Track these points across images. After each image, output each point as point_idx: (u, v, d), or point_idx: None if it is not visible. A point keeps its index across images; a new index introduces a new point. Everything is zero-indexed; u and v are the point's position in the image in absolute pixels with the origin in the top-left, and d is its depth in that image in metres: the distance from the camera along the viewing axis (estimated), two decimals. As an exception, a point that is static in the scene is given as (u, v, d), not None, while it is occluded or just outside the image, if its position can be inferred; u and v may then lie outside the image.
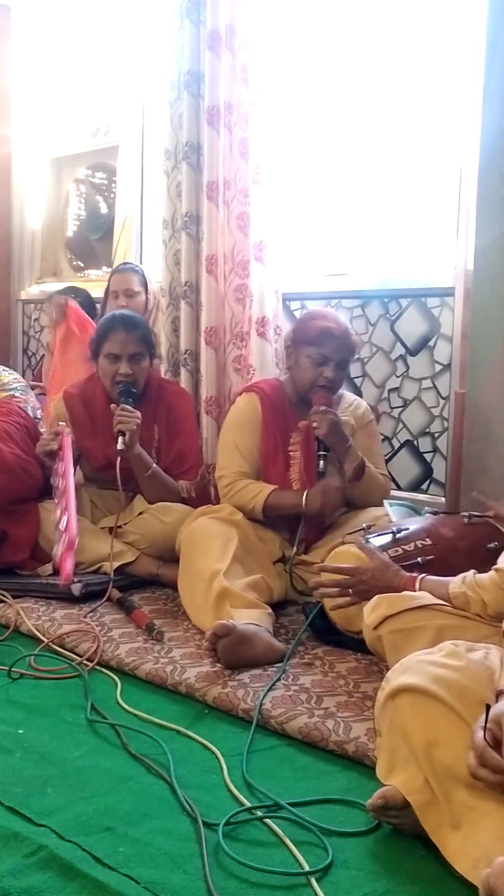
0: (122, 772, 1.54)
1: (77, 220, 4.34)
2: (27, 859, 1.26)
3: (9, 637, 2.18)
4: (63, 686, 1.91)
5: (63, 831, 1.33)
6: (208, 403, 3.07)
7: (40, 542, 2.55)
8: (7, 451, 2.45)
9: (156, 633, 2.11)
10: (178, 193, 3.12)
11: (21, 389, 2.72)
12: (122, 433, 2.51)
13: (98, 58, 3.98)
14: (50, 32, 4.19)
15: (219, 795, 1.47)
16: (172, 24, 3.05)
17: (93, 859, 1.26)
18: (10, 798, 1.42)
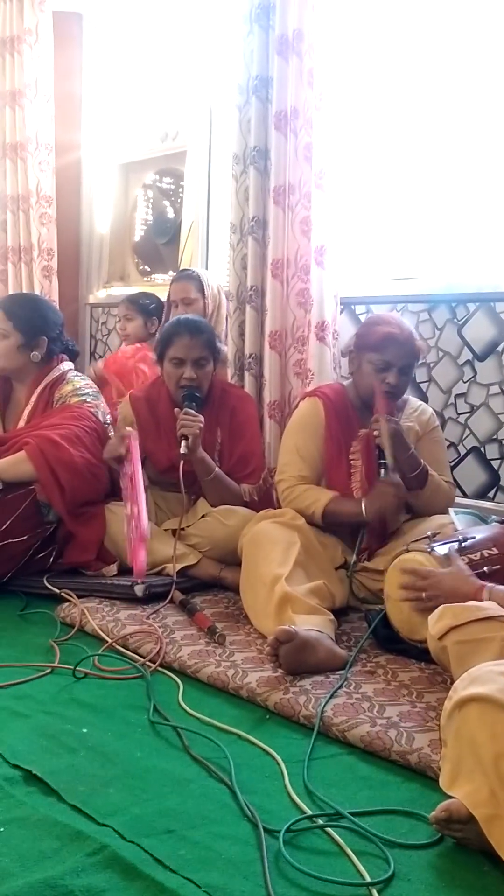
0: (183, 774, 1.54)
1: (144, 224, 4.39)
2: (90, 858, 1.27)
3: (73, 636, 2.21)
4: (126, 686, 1.93)
5: (125, 831, 1.34)
6: (271, 407, 3.07)
7: (105, 544, 2.59)
8: (77, 455, 2.49)
9: (218, 637, 2.12)
10: (246, 198, 3.14)
11: (92, 395, 2.76)
12: (185, 437, 2.53)
13: (167, 64, 4.02)
14: (120, 39, 4.25)
15: (279, 802, 1.46)
16: (241, 29, 3.06)
17: (154, 861, 1.27)
18: (74, 796, 1.44)
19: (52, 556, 2.60)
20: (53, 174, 4.13)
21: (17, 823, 1.37)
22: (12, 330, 2.73)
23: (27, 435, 2.55)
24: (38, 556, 2.57)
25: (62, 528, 2.57)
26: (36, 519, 2.52)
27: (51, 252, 4.14)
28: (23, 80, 4.04)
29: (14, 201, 4.18)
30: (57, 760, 1.57)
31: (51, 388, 2.76)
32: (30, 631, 2.27)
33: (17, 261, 4.22)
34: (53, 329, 2.79)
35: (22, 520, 2.48)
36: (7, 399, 2.82)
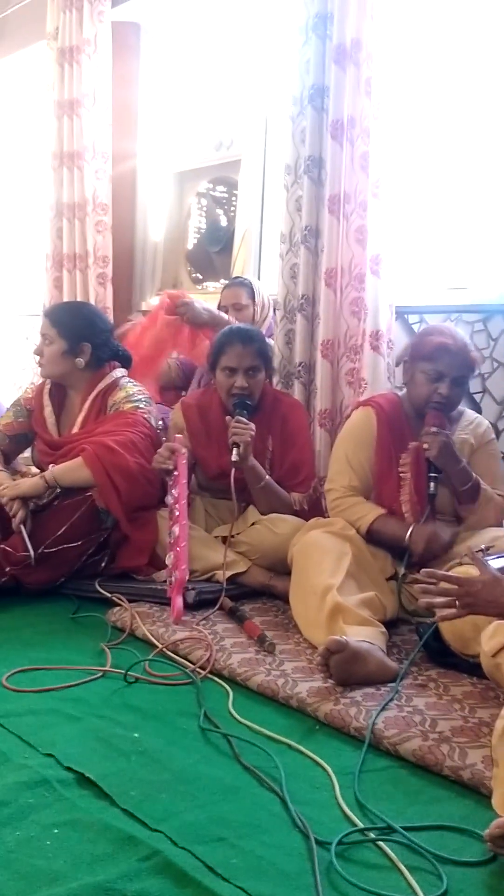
0: (233, 782, 1.55)
1: (197, 232, 4.43)
2: (142, 863, 1.28)
3: (124, 640, 2.23)
4: (176, 692, 1.94)
5: (177, 837, 1.34)
6: (322, 416, 3.07)
7: (157, 550, 2.61)
8: (132, 460, 2.52)
9: (267, 645, 2.12)
10: (298, 208, 3.14)
11: (145, 401, 2.79)
12: (236, 444, 2.54)
13: (222, 73, 4.06)
14: (176, 48, 4.29)
15: (330, 813, 1.46)
16: (298, 39, 3.07)
17: (205, 868, 1.27)
18: (126, 801, 1.45)
19: (104, 561, 2.63)
20: (109, 182, 4.18)
21: (71, 826, 1.38)
22: (56, 336, 2.76)
23: (83, 441, 2.58)
24: (91, 560, 2.61)
25: (115, 533, 2.60)
26: (91, 524, 2.56)
27: (106, 259, 4.18)
28: (81, 90, 4.10)
29: (70, 209, 4.24)
30: (109, 764, 1.58)
31: (104, 394, 2.79)
32: (81, 634, 2.30)
33: (73, 268, 4.27)
34: (98, 335, 2.81)
35: (78, 525, 2.52)
36: (61, 405, 2.86)
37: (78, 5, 4.06)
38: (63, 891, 1.22)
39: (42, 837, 1.35)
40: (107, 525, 2.59)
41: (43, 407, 2.85)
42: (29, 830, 1.36)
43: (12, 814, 1.40)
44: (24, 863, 1.28)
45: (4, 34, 4.96)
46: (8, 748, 1.62)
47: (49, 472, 2.53)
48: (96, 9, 4.04)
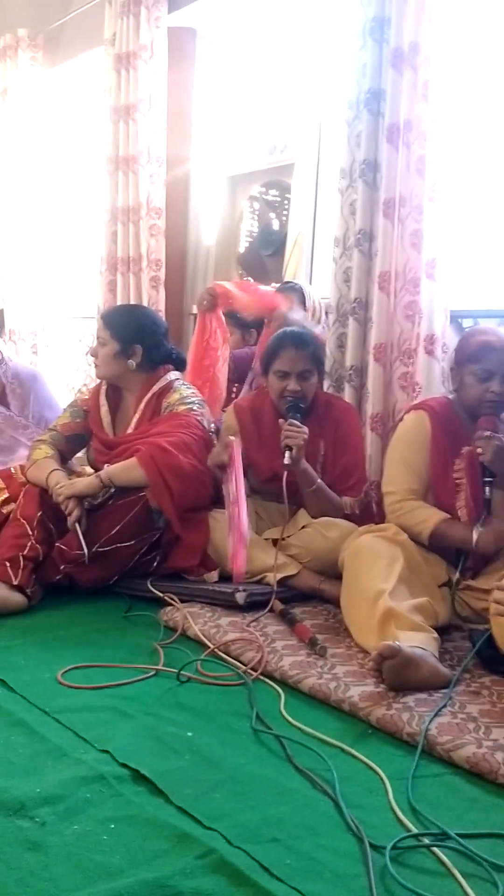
0: (287, 784, 1.55)
1: (249, 236, 4.44)
2: (198, 861, 1.30)
3: (176, 640, 2.25)
4: (228, 693, 1.95)
5: (231, 837, 1.36)
6: (374, 420, 3.06)
7: (208, 551, 2.62)
8: (185, 461, 2.54)
9: (319, 648, 2.12)
10: (352, 211, 3.14)
11: (198, 403, 2.81)
12: (289, 448, 2.55)
13: (277, 78, 4.07)
14: (231, 53, 4.32)
15: (384, 818, 1.46)
16: (354, 43, 3.07)
17: (261, 868, 1.28)
18: (181, 799, 1.47)
19: (155, 561, 2.65)
20: (163, 187, 4.22)
21: (127, 821, 1.40)
22: (109, 338, 2.82)
23: (138, 442, 2.61)
24: (143, 559, 2.63)
25: (167, 533, 2.63)
26: (144, 524, 2.58)
27: (159, 263, 4.22)
28: (137, 95, 4.15)
29: (125, 213, 4.28)
30: (163, 762, 1.60)
31: (158, 396, 2.82)
32: (134, 633, 2.32)
33: (126, 271, 4.32)
34: (151, 338, 2.84)
35: (131, 525, 2.55)
36: (117, 406, 2.90)
37: (135, 11, 4.11)
38: (120, 885, 1.24)
39: (99, 832, 1.37)
40: (159, 525, 2.62)
41: (99, 407, 2.90)
42: (86, 825, 1.39)
43: (69, 808, 1.43)
44: (82, 856, 1.30)
45: (62, 41, 5.04)
46: (64, 743, 1.65)
47: (104, 472, 2.56)
48: (153, 15, 4.08)
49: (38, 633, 2.28)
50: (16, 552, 2.49)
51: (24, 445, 3.07)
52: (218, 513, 2.64)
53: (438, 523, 2.36)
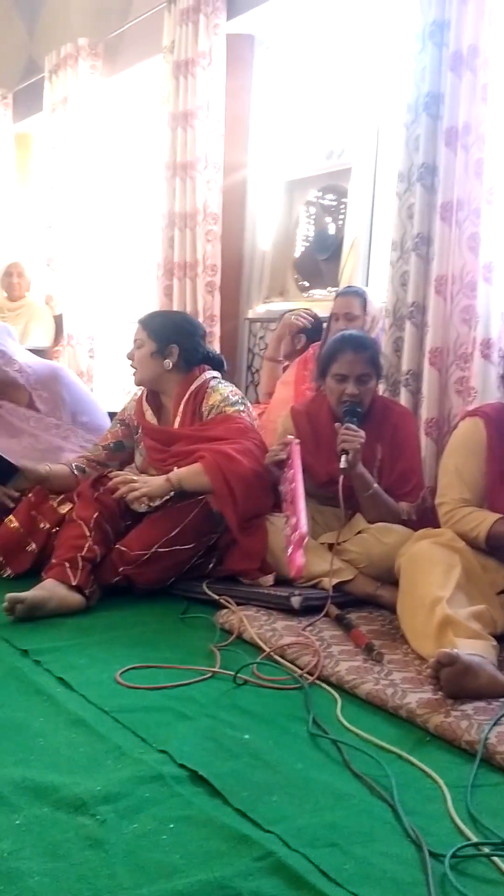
0: (344, 789, 1.55)
1: (305, 241, 4.45)
2: (257, 863, 1.30)
3: (232, 643, 2.26)
4: (284, 696, 1.96)
5: (290, 840, 1.36)
6: (429, 425, 3.04)
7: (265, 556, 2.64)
8: (249, 467, 2.57)
9: (375, 654, 2.11)
10: (410, 215, 3.13)
11: (241, 401, 2.84)
12: (345, 452, 2.54)
13: (335, 83, 4.07)
14: (288, 59, 4.33)
15: (443, 826, 1.45)
16: (413, 47, 3.06)
17: (319, 872, 1.28)
18: (238, 801, 1.47)
19: (211, 563, 2.67)
20: (220, 192, 4.24)
21: (186, 822, 1.41)
22: (146, 338, 2.88)
23: (203, 449, 2.63)
24: (199, 561, 2.66)
25: (224, 536, 2.64)
26: (203, 527, 2.61)
27: (214, 268, 4.25)
28: (195, 102, 4.19)
29: (182, 218, 4.32)
30: (221, 764, 1.61)
31: (195, 396, 2.85)
32: (190, 635, 2.34)
33: (183, 276, 4.36)
34: (187, 338, 2.88)
35: (191, 527, 2.58)
36: (158, 414, 2.95)
37: (194, 19, 4.15)
38: (180, 885, 1.25)
39: (158, 832, 1.38)
40: (220, 529, 2.64)
41: (143, 412, 2.94)
42: (146, 824, 1.40)
43: (129, 806, 1.44)
44: (142, 855, 1.32)
45: (121, 49, 5.11)
46: (123, 742, 1.67)
47: (174, 475, 2.59)
48: (212, 22, 4.11)
49: (96, 634, 2.31)
50: (74, 553, 2.53)
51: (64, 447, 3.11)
52: (274, 517, 2.65)
53: (494, 523, 2.33)
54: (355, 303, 3.30)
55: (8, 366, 3.12)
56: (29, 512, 2.77)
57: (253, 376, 4.51)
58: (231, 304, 4.47)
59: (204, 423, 2.79)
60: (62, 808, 1.43)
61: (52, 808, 1.43)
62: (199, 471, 2.57)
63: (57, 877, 1.25)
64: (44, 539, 2.73)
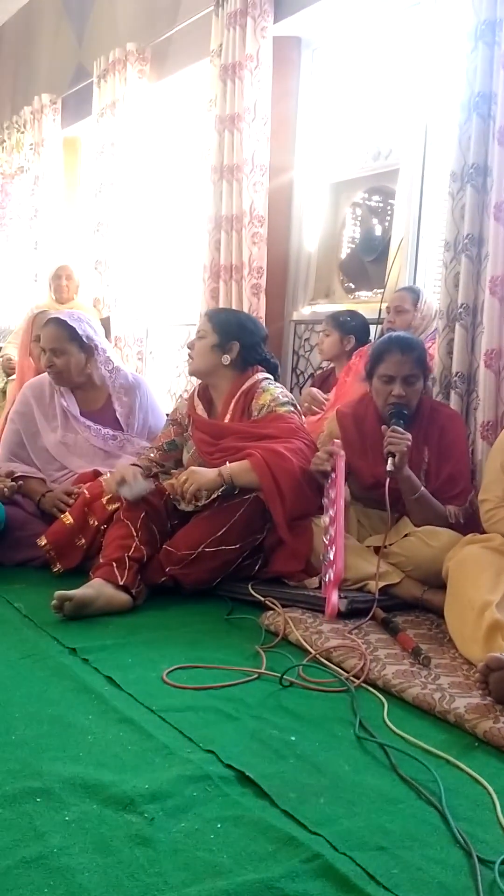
0: (391, 793, 1.54)
1: (351, 242, 4.43)
2: (304, 865, 1.30)
3: (277, 644, 2.26)
4: (330, 699, 1.95)
5: (337, 843, 1.35)
6: (485, 428, 2.99)
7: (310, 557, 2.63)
8: (297, 464, 2.57)
9: (423, 658, 2.09)
10: (462, 215, 3.09)
11: (291, 401, 2.85)
12: (392, 454, 2.53)
13: (382, 84, 4.05)
14: (335, 60, 4.32)
15: (491, 832, 1.43)
16: (465, 46, 3.03)
17: (367, 876, 1.28)
18: (286, 802, 1.47)
19: (256, 565, 2.68)
20: (266, 195, 4.24)
21: (233, 822, 1.42)
22: (210, 331, 2.91)
23: (253, 446, 2.64)
24: (244, 563, 2.66)
25: (269, 537, 2.64)
26: (250, 528, 2.61)
27: (260, 270, 4.25)
28: (242, 105, 4.19)
29: (228, 221, 4.33)
30: (268, 765, 1.61)
31: (245, 395, 2.86)
32: (236, 636, 2.35)
33: (229, 279, 4.37)
34: (249, 337, 2.90)
35: (237, 528, 2.58)
36: (209, 410, 2.96)
37: (241, 22, 4.16)
38: (227, 884, 1.25)
39: (205, 831, 1.39)
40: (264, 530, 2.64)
41: (195, 407, 2.96)
42: (193, 823, 1.41)
43: (177, 805, 1.45)
44: (190, 854, 1.32)
45: (168, 53, 5.14)
46: (171, 741, 1.68)
47: (226, 469, 2.60)
48: (259, 25, 4.12)
49: (143, 633, 2.32)
50: (121, 553, 2.55)
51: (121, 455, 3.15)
52: (319, 519, 2.64)
53: None
54: (407, 297, 3.32)
55: (104, 365, 3.17)
56: (83, 507, 2.81)
57: (297, 378, 4.50)
58: (276, 306, 4.47)
59: (255, 420, 2.80)
60: (111, 806, 1.44)
61: (100, 805, 1.44)
62: (249, 467, 2.58)
63: (106, 873, 1.27)
64: (92, 535, 2.77)
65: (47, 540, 2.80)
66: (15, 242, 7.01)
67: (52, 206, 6.42)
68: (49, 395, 3.18)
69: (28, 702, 1.85)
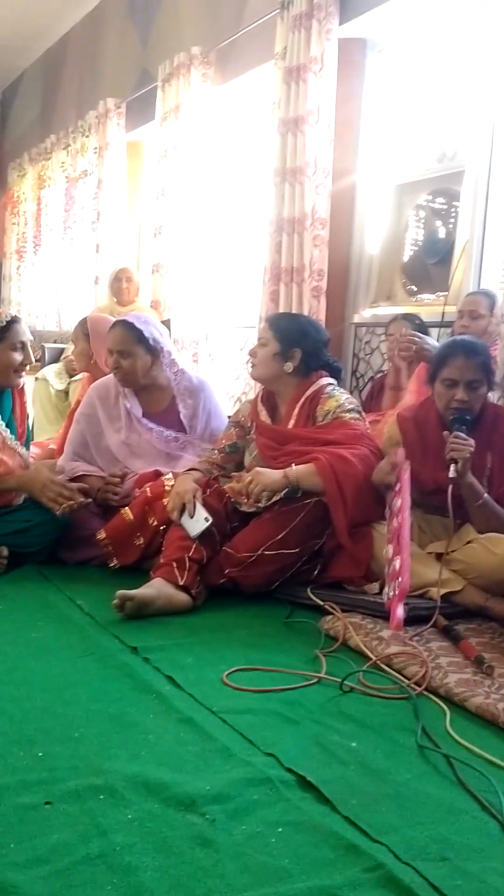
0: (454, 803, 1.52)
1: (414, 245, 4.40)
2: (366, 874, 1.29)
3: (337, 649, 2.25)
4: (391, 706, 1.93)
5: (399, 852, 1.34)
6: None
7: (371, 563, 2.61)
8: (361, 469, 2.56)
9: (486, 667, 2.06)
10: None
11: (357, 409, 2.83)
12: (454, 461, 2.49)
13: (448, 85, 4.01)
14: (401, 61, 4.29)
15: None
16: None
17: (430, 887, 1.26)
18: (347, 809, 1.46)
19: (316, 569, 2.67)
20: (328, 197, 4.23)
21: (294, 827, 1.41)
22: (271, 338, 2.89)
23: (318, 450, 2.63)
24: (304, 567, 2.65)
25: (329, 542, 2.63)
26: (310, 532, 2.60)
27: (321, 273, 4.24)
28: (306, 108, 4.18)
29: (290, 224, 4.33)
30: (328, 770, 1.60)
31: (310, 401, 2.85)
32: (294, 639, 2.34)
33: (289, 281, 4.36)
34: (311, 344, 2.89)
35: (296, 532, 2.58)
36: (272, 416, 2.95)
37: (307, 25, 4.15)
38: (289, 890, 1.25)
39: (267, 834, 1.39)
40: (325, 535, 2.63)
41: (258, 412, 2.96)
42: (254, 826, 1.41)
43: (238, 808, 1.45)
44: (251, 857, 1.32)
45: (232, 57, 5.16)
46: (231, 743, 1.68)
47: (292, 471, 2.58)
48: (324, 27, 4.10)
49: (202, 634, 2.33)
50: (181, 554, 2.56)
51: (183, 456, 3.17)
52: (380, 525, 2.62)
53: None
54: (483, 302, 3.27)
55: (169, 367, 3.20)
56: (143, 506, 2.83)
57: (358, 381, 4.47)
58: (337, 308, 4.45)
59: (320, 426, 2.79)
60: (172, 805, 1.45)
61: (162, 805, 1.45)
62: (314, 471, 2.57)
63: (168, 873, 1.27)
64: (151, 535, 2.79)
65: (106, 534, 2.83)
66: (78, 245, 7.11)
67: (114, 209, 6.50)
68: (114, 396, 3.22)
69: (90, 699, 1.87)
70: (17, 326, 2.88)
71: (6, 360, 2.86)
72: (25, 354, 2.90)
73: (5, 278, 9.35)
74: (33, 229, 8.33)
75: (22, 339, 2.88)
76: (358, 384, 4.47)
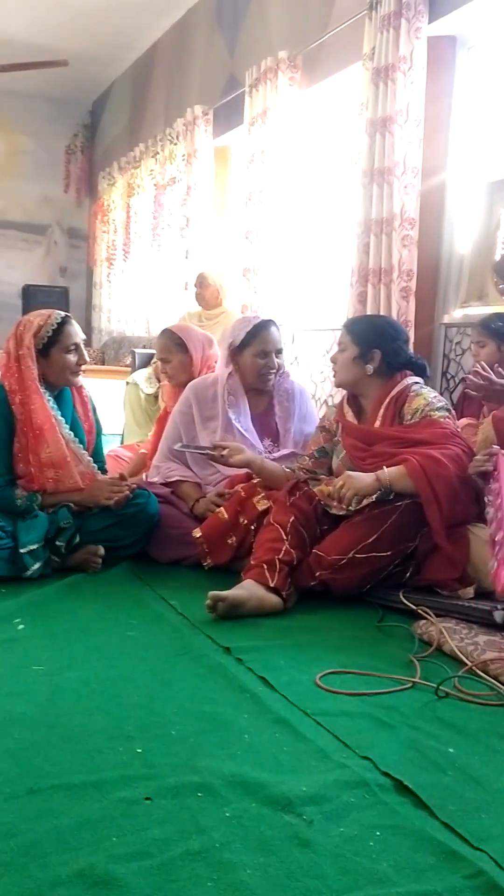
0: None
1: (506, 243, 4.31)
2: (467, 881, 1.27)
3: (431, 654, 2.22)
4: (488, 713, 1.90)
5: (501, 860, 1.31)
6: None
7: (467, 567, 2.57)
8: (454, 470, 2.53)
9: None
10: None
11: (445, 408, 2.79)
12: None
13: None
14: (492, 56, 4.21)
15: None
16: None
17: (534, 897, 1.23)
18: (446, 815, 1.44)
19: (408, 572, 2.64)
20: (417, 197, 4.18)
21: (392, 831, 1.40)
22: (350, 343, 2.89)
23: (408, 452, 2.61)
24: (396, 570, 2.63)
25: (422, 544, 2.60)
26: (402, 535, 2.57)
27: (410, 273, 4.19)
28: (394, 107, 4.15)
29: (378, 224, 4.30)
30: (426, 775, 1.58)
31: (395, 401, 2.82)
32: (388, 643, 2.32)
33: (377, 282, 4.34)
34: (390, 343, 2.87)
35: (388, 534, 2.55)
36: (358, 417, 2.94)
37: (395, 24, 4.12)
38: (389, 894, 1.24)
39: (364, 837, 1.38)
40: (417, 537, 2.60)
41: (345, 414, 2.96)
42: (352, 828, 1.40)
43: (335, 810, 1.45)
44: (350, 859, 1.32)
45: (319, 59, 5.16)
46: (326, 746, 1.68)
47: (384, 473, 2.57)
48: (414, 26, 4.07)
49: (294, 636, 2.33)
50: (272, 555, 2.57)
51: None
52: (477, 528, 2.58)
53: None
54: None
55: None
56: (237, 506, 2.86)
57: (448, 383, 4.41)
58: (426, 309, 4.39)
59: (408, 425, 2.76)
60: (269, 805, 1.46)
61: (259, 804, 1.46)
62: (405, 473, 2.55)
63: (267, 872, 1.28)
64: (242, 534, 2.83)
65: (202, 532, 2.87)
66: (166, 252, 7.22)
67: (202, 215, 6.58)
68: (211, 396, 3.26)
69: (186, 698, 1.90)
70: (69, 328, 2.92)
71: (61, 362, 2.91)
72: (80, 355, 2.94)
73: (96, 286, 9.56)
74: (123, 237, 8.49)
75: (75, 340, 2.92)
76: (448, 385, 4.40)
